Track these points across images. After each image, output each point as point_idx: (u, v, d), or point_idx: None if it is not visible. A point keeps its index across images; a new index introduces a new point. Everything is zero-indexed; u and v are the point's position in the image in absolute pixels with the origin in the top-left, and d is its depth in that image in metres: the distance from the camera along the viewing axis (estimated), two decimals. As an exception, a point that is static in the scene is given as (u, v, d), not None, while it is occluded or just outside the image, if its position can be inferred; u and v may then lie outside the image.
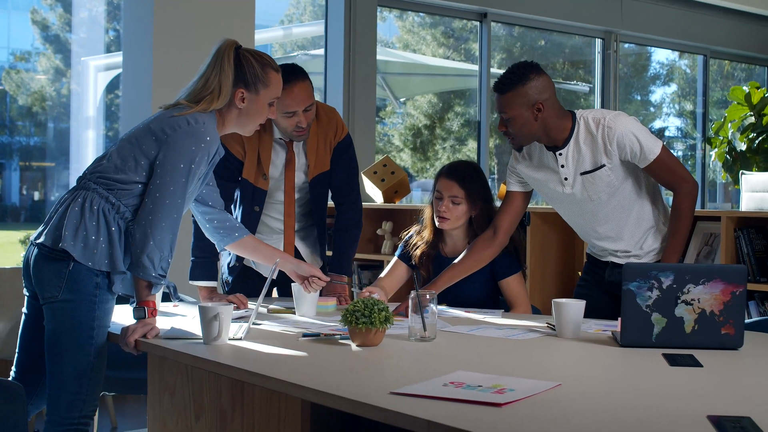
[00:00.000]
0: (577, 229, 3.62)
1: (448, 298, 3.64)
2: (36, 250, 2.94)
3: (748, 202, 5.98)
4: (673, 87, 10.91)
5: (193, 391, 3.06)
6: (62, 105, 7.31)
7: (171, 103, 3.07)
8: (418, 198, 8.38)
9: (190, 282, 3.66)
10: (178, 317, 3.34)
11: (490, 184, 3.95)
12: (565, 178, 3.42)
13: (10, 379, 3.08)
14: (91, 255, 2.88)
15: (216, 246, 3.44)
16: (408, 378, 2.32)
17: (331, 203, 3.96)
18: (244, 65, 3.06)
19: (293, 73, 3.57)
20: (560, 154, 3.40)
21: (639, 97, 10.94)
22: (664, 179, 3.37)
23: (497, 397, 2.05)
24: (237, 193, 3.79)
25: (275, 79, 3.11)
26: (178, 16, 5.59)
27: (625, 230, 3.45)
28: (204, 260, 3.68)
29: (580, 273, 5.02)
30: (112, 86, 7.42)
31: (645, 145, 3.30)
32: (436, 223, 3.74)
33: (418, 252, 3.80)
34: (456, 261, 3.60)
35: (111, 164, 2.98)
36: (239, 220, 3.71)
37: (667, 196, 3.58)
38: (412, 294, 2.88)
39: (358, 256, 5.04)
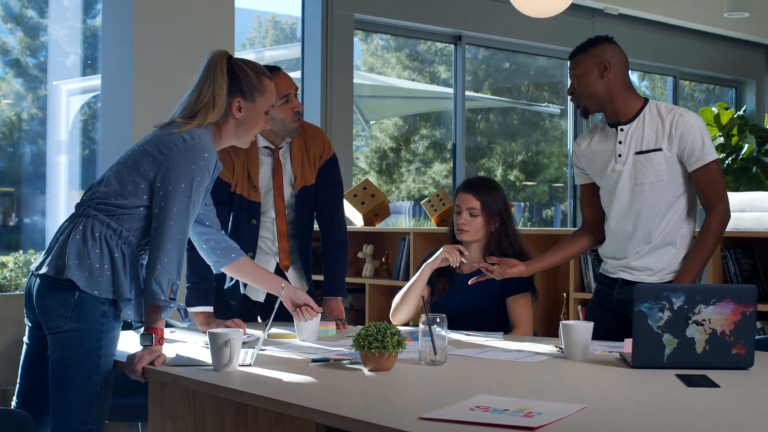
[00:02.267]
0: (608, 226, 3.60)
1: (458, 316, 3.65)
2: (39, 281, 2.89)
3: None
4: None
5: (195, 418, 3.01)
6: (24, 130, 7.21)
7: (165, 122, 3.02)
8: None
9: (187, 309, 3.61)
10: (179, 343, 3.30)
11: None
12: (619, 155, 3.47)
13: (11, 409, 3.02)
14: (96, 283, 2.84)
15: (212, 268, 3.38)
16: (431, 402, 2.30)
17: (315, 226, 3.95)
18: (238, 74, 3.02)
19: (270, 68, 3.57)
20: (621, 130, 3.47)
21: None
22: (705, 192, 3.39)
23: (528, 421, 2.04)
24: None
25: (270, 87, 3.08)
26: (158, 37, 5.56)
27: (652, 233, 3.44)
28: (199, 285, 3.64)
29: (565, 295, 5.07)
30: (84, 109, 7.35)
31: (706, 146, 3.35)
32: (456, 236, 3.82)
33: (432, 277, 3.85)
34: (556, 249, 3.73)
35: (110, 189, 2.93)
36: (237, 238, 3.67)
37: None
38: (423, 318, 2.87)
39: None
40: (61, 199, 7.02)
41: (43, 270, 2.87)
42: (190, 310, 3.60)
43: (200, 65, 3.05)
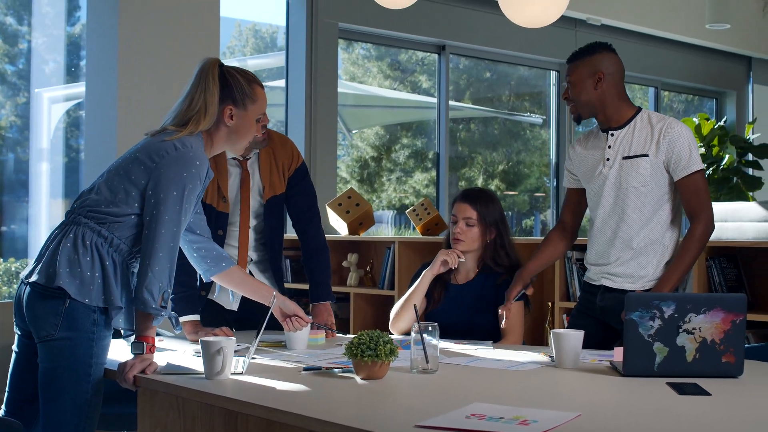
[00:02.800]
0: (591, 230, 3.65)
1: (454, 325, 3.68)
2: (29, 289, 2.87)
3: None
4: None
5: (185, 426, 3.01)
6: (4, 137, 7.16)
7: (157, 130, 3.02)
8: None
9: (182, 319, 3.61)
10: (168, 351, 3.29)
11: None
12: (608, 159, 3.52)
13: (-2, 417, 3.00)
14: (87, 291, 2.82)
15: (203, 276, 3.35)
16: (426, 410, 2.30)
17: (293, 235, 3.95)
18: (230, 82, 3.02)
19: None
20: (612, 135, 3.52)
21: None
22: (690, 201, 3.42)
23: (524, 429, 2.05)
24: None
25: (261, 95, 3.08)
26: (142, 44, 5.55)
27: (635, 239, 3.47)
28: (184, 294, 3.63)
29: (550, 304, 5.09)
30: (66, 117, 7.32)
31: (692, 156, 3.39)
32: (452, 246, 3.84)
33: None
34: (534, 256, 3.75)
35: (101, 197, 2.92)
36: None
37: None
38: (415, 326, 2.87)
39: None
40: (42, 206, 6.99)
41: (34, 278, 2.86)
42: (180, 319, 3.59)
43: (186, 73, 3.05)
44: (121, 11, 5.47)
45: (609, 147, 3.52)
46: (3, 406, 3.06)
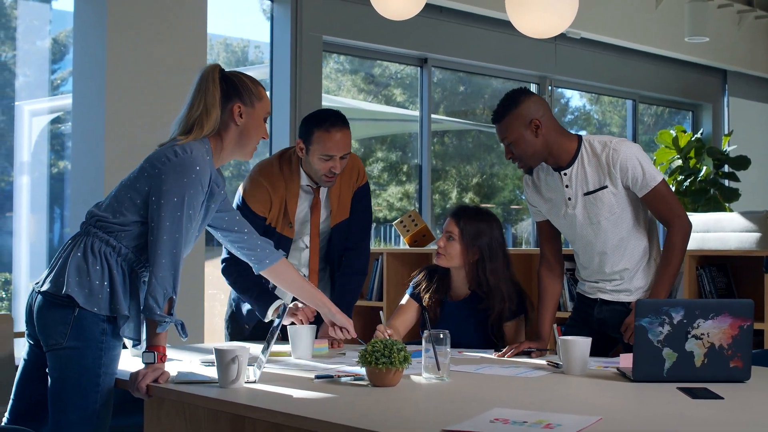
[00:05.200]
0: (577, 258, 3.68)
1: (457, 341, 3.66)
2: (40, 298, 2.87)
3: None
4: (591, 131, 11.17)
5: (192, 436, 3.01)
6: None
7: (165, 141, 3.02)
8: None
9: (266, 321, 3.61)
10: (176, 361, 3.29)
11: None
12: (569, 198, 3.49)
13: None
14: (96, 300, 2.82)
15: (254, 270, 3.37)
16: (446, 415, 2.32)
17: None
18: (235, 81, 3.03)
19: (339, 119, 3.62)
20: (565, 174, 3.48)
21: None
22: (659, 212, 3.45)
23: (551, 432, 2.08)
24: None
25: (265, 95, 3.09)
26: (130, 59, 5.54)
27: (621, 261, 3.51)
28: (257, 292, 3.65)
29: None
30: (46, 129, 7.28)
31: (647, 173, 3.39)
32: (434, 259, 3.78)
33: (426, 296, 3.82)
34: (540, 306, 3.70)
35: (109, 208, 2.93)
36: None
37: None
38: (425, 333, 2.89)
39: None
40: (23, 220, 6.94)
41: (44, 287, 2.86)
42: (270, 315, 3.59)
43: (173, 86, 3.07)
44: (109, 27, 5.46)
45: (567, 186, 3.49)
46: (7, 415, 3.04)
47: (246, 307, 3.78)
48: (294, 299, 3.64)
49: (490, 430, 2.11)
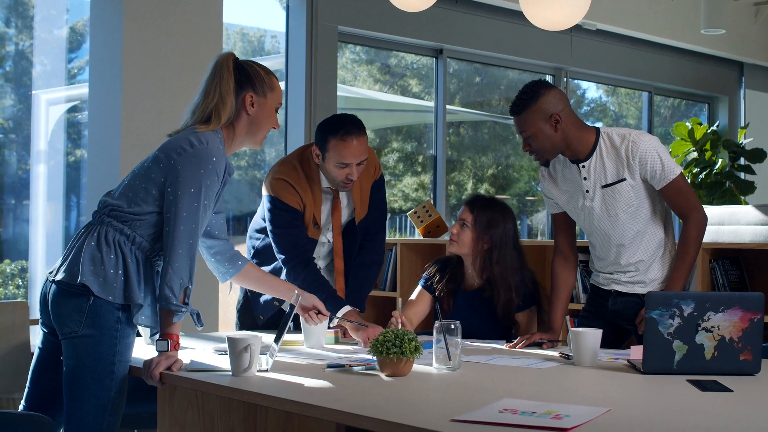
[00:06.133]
0: (593, 249, 3.68)
1: (469, 331, 3.68)
2: (54, 287, 2.89)
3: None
4: (608, 123, 11.15)
5: (204, 424, 3.04)
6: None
7: (177, 129, 3.04)
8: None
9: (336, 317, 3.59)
10: (189, 350, 3.31)
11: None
12: (587, 191, 3.49)
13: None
14: (111, 289, 2.84)
15: (219, 279, 3.34)
16: (456, 405, 2.34)
17: None
18: (248, 70, 3.04)
19: (355, 126, 3.60)
20: (583, 167, 3.48)
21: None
22: (677, 204, 3.46)
23: (559, 423, 2.09)
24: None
25: (278, 85, 3.10)
26: (146, 48, 5.56)
27: (637, 253, 3.52)
28: (329, 293, 3.65)
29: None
30: (63, 118, 7.33)
31: (666, 165, 3.39)
32: (447, 247, 3.82)
33: (439, 286, 3.85)
34: (553, 297, 3.68)
35: (123, 197, 2.95)
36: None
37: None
38: (437, 324, 2.91)
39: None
40: (40, 208, 6.99)
41: (59, 276, 2.88)
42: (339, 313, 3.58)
43: (188, 75, 3.07)
44: (125, 17, 5.48)
45: (585, 179, 3.49)
46: (23, 402, 3.07)
47: (264, 297, 3.80)
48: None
49: (499, 420, 2.13)
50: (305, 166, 3.73)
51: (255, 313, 3.87)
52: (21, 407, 3.08)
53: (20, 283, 6.79)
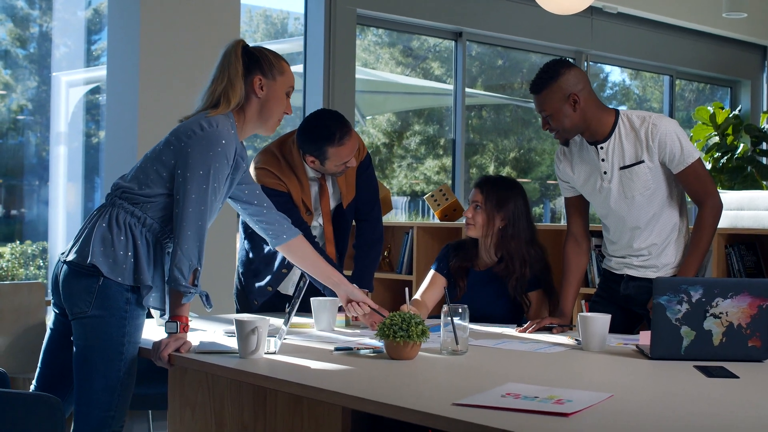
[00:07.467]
0: (606, 232, 3.67)
1: (474, 311, 3.69)
2: (65, 267, 2.92)
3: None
4: (631, 107, 11.10)
5: (215, 405, 3.06)
6: (19, 121, 7.21)
7: (189, 114, 3.06)
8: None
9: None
10: (199, 332, 3.34)
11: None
12: (605, 172, 3.48)
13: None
14: (120, 270, 2.87)
15: (270, 245, 3.40)
16: (460, 390, 2.35)
17: None
18: (257, 55, 3.05)
19: (344, 125, 3.68)
20: (601, 148, 3.47)
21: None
22: (693, 189, 3.44)
23: (560, 407, 2.09)
24: None
25: (288, 69, 3.11)
26: (164, 30, 5.57)
27: (651, 237, 3.50)
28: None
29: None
30: (85, 100, 7.37)
31: (685, 149, 3.38)
32: (464, 231, 3.85)
33: (453, 263, 3.88)
34: (564, 281, 3.68)
35: (135, 180, 2.97)
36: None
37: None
38: (445, 308, 2.91)
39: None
40: (60, 190, 7.04)
41: (70, 257, 2.91)
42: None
43: (206, 58, 3.08)
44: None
45: (603, 160, 3.48)
46: (34, 382, 3.11)
47: (258, 283, 3.85)
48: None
49: (501, 404, 2.14)
50: (287, 155, 3.76)
51: (249, 298, 3.90)
52: (32, 387, 3.12)
53: (41, 264, 6.85)
